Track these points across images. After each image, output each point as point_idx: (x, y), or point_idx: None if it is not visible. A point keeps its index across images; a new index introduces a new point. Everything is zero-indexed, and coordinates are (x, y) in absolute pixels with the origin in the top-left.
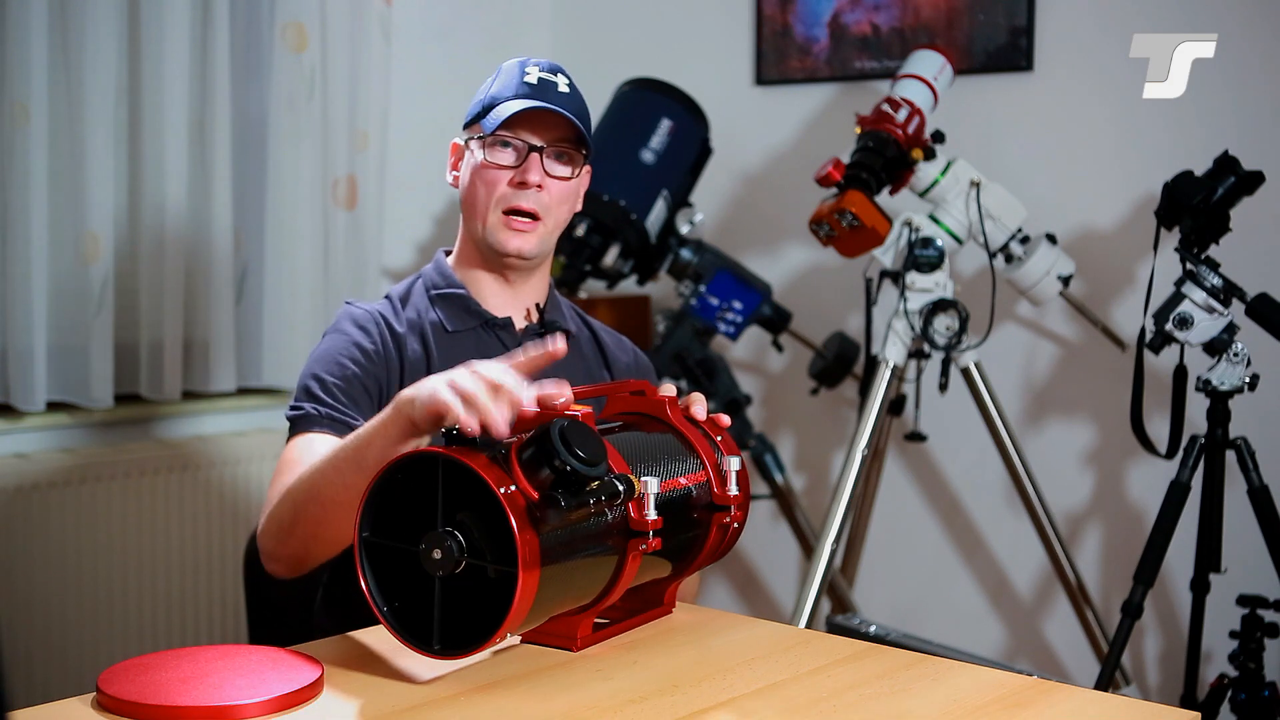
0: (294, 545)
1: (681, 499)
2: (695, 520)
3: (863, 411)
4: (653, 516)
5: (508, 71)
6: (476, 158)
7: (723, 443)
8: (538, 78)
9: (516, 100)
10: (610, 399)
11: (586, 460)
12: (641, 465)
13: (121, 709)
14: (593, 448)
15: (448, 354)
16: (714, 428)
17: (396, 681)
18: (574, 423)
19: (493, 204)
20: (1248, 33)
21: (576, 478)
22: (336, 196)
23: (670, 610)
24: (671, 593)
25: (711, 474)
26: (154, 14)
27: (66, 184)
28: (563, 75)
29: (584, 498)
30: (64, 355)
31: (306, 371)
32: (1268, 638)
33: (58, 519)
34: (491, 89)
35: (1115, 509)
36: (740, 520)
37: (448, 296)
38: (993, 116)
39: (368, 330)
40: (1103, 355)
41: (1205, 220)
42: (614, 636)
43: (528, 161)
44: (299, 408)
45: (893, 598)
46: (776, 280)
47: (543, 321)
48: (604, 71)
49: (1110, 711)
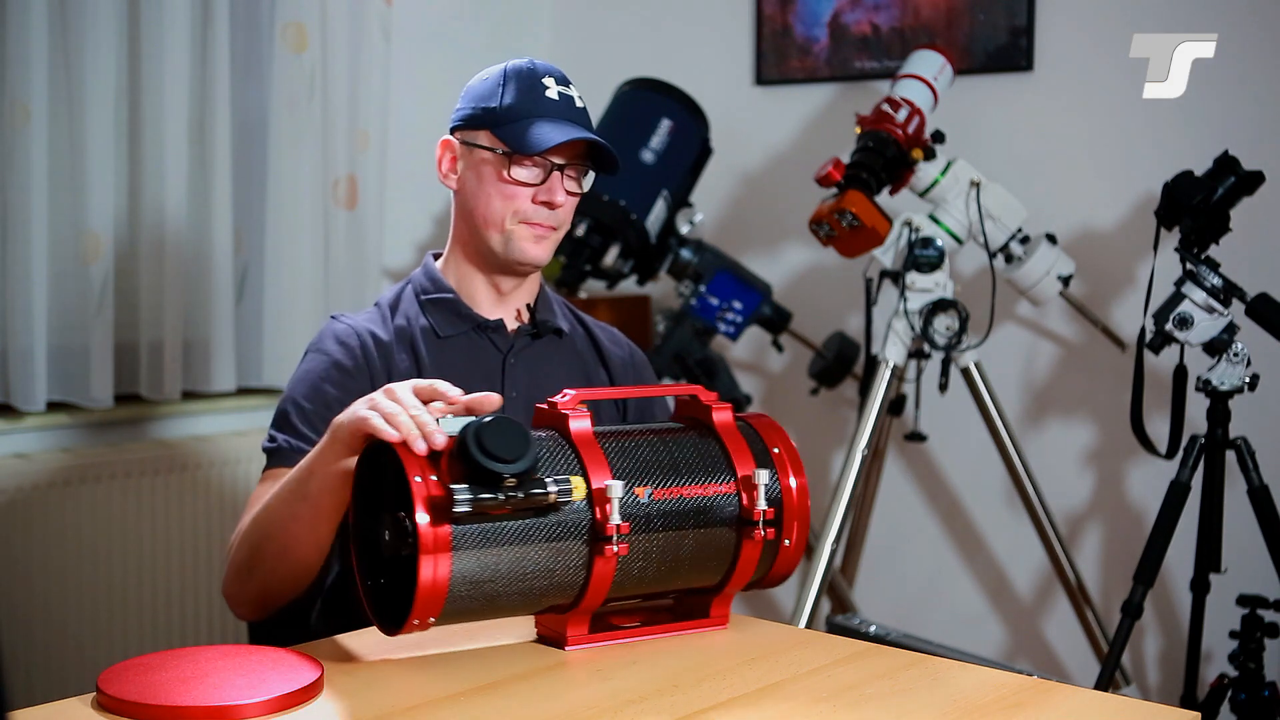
0: (255, 586)
1: (691, 509)
2: (716, 533)
3: (863, 411)
4: (616, 520)
5: (523, 82)
6: (495, 171)
7: (780, 455)
8: (558, 93)
9: (552, 124)
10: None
11: (498, 457)
12: (640, 473)
13: (121, 709)
14: (512, 446)
15: (440, 359)
16: (774, 437)
17: (396, 681)
18: (496, 421)
19: (509, 215)
20: (1248, 33)
21: (487, 474)
22: (336, 196)
23: (721, 624)
24: (720, 606)
25: (741, 486)
26: (154, 14)
27: (66, 184)
28: (572, 86)
29: (499, 493)
30: (64, 355)
31: (286, 396)
32: (1268, 638)
33: (58, 519)
34: (505, 98)
35: (1115, 509)
36: (776, 536)
37: (438, 301)
38: (993, 116)
39: (348, 346)
40: (1103, 355)
41: (1205, 220)
42: (615, 639)
43: (551, 180)
44: (273, 439)
45: (893, 598)
46: (776, 280)
47: (534, 322)
48: (604, 71)
49: (1110, 711)
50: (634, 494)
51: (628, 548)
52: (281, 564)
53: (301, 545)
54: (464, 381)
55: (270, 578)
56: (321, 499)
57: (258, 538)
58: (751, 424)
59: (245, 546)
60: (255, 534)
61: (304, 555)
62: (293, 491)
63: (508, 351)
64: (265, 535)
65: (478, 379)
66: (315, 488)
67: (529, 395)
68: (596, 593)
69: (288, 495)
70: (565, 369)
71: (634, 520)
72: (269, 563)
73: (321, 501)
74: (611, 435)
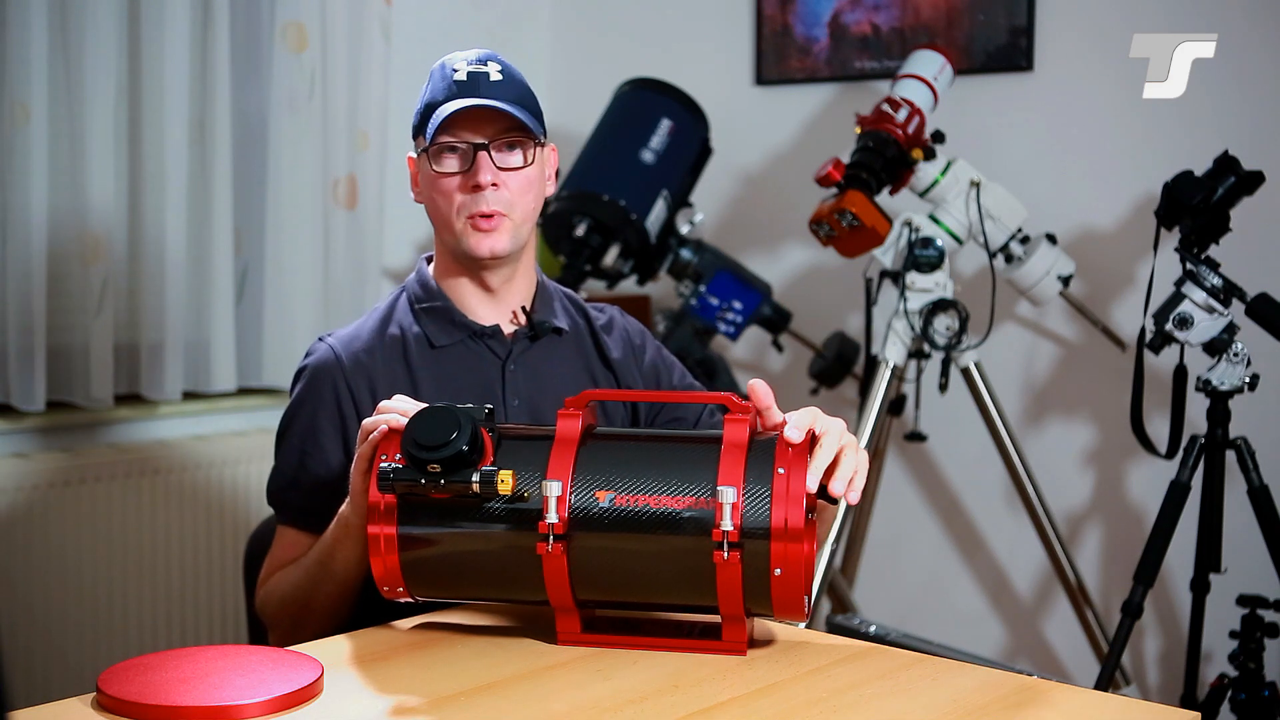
0: (307, 635)
1: (655, 519)
2: (684, 547)
3: (863, 411)
4: (551, 519)
5: (436, 74)
6: (428, 171)
7: (782, 477)
8: (466, 72)
9: (447, 103)
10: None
11: (422, 444)
12: (614, 477)
13: (121, 709)
14: (436, 434)
15: (436, 370)
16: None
17: (396, 681)
18: (431, 410)
19: (455, 213)
20: (1248, 33)
21: (413, 459)
22: (336, 196)
23: (737, 652)
24: (733, 631)
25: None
26: (154, 14)
27: (66, 184)
28: (495, 62)
29: (420, 476)
30: (64, 355)
31: (277, 450)
32: (1268, 638)
33: (58, 519)
34: (425, 95)
35: (1115, 509)
36: (741, 559)
37: (431, 310)
38: (993, 116)
39: (320, 390)
40: (1103, 355)
41: (1205, 220)
42: (608, 641)
43: (476, 162)
44: (276, 500)
45: (893, 598)
46: (776, 280)
47: (531, 324)
48: (604, 71)
49: (1110, 711)
50: (594, 497)
51: (561, 547)
52: (329, 619)
53: (342, 597)
54: (463, 392)
55: (320, 629)
56: (349, 572)
57: (296, 610)
58: (776, 443)
59: (286, 618)
60: (293, 608)
61: (341, 611)
62: (321, 573)
63: (506, 358)
64: (302, 606)
65: (476, 389)
66: (340, 569)
67: (531, 401)
68: (556, 589)
69: (316, 575)
70: (568, 368)
71: (587, 523)
72: (311, 623)
73: (349, 575)
74: (609, 437)
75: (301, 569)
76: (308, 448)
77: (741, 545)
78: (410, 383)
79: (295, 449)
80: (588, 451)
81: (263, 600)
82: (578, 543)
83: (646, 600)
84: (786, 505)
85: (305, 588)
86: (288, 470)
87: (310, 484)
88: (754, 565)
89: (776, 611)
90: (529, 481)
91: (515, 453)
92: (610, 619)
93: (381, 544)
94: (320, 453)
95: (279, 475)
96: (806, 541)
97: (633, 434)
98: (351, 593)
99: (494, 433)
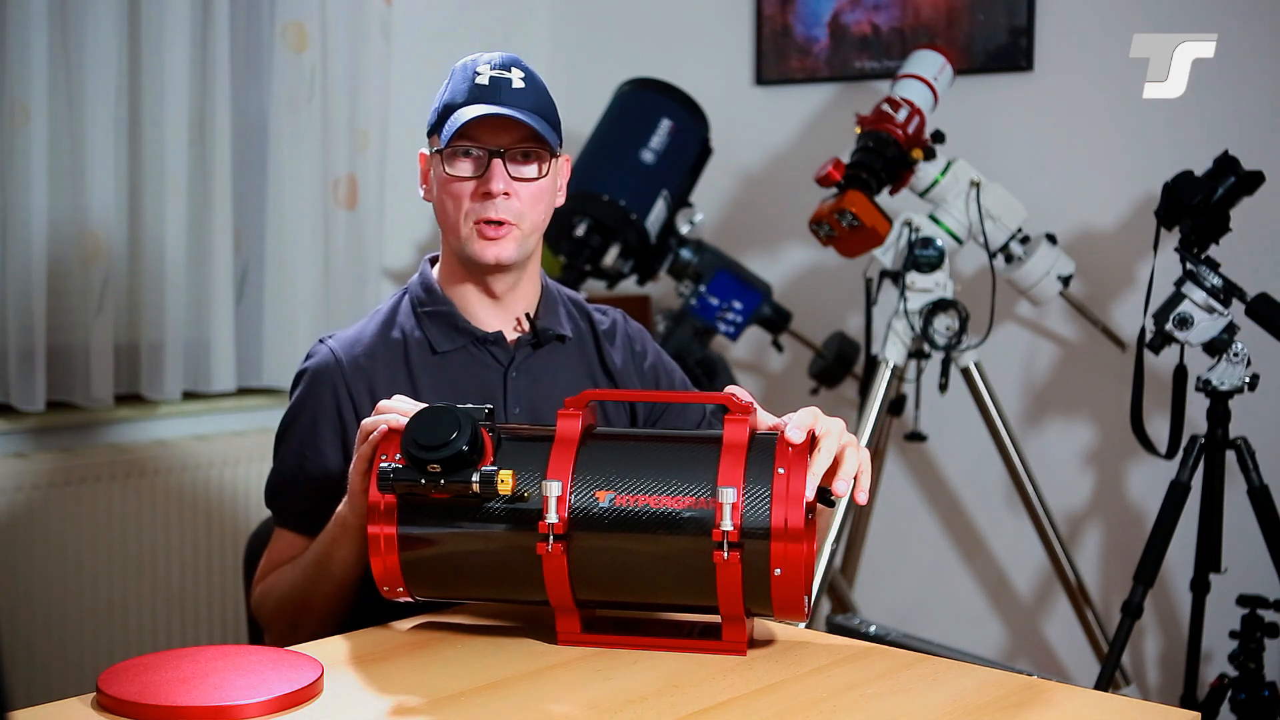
0: (304, 635)
1: (655, 519)
2: (684, 547)
3: (863, 411)
4: (551, 519)
5: (459, 74)
6: (441, 172)
7: (783, 477)
8: (489, 77)
9: (469, 106)
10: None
11: (421, 445)
12: (614, 478)
13: (121, 709)
14: (435, 435)
15: (438, 376)
16: (786, 456)
17: (396, 681)
18: (431, 410)
19: (463, 217)
20: (1248, 33)
21: (413, 459)
22: (336, 196)
23: (737, 652)
24: (735, 633)
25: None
26: (154, 14)
27: (66, 184)
28: (518, 69)
29: (420, 476)
30: (64, 355)
31: (276, 451)
32: (1268, 638)
33: (57, 519)
34: (445, 95)
35: (1115, 509)
36: (741, 560)
37: (434, 314)
38: (993, 116)
39: (319, 394)
40: (1103, 355)
41: (1205, 220)
42: (608, 642)
43: (490, 169)
44: (274, 501)
45: (893, 598)
46: (776, 280)
47: (534, 331)
48: (604, 71)
49: (1110, 711)
50: (594, 497)
51: (561, 547)
52: (326, 619)
53: (340, 597)
54: (464, 398)
55: (317, 629)
56: (346, 573)
57: (293, 611)
58: (776, 443)
59: (283, 619)
60: (291, 608)
61: (344, 600)
62: (319, 574)
63: (509, 365)
64: (301, 605)
65: (478, 395)
66: (338, 570)
67: (533, 408)
68: (556, 589)
69: (315, 576)
70: (570, 375)
71: (587, 523)
72: (309, 624)
73: (346, 576)
74: (609, 437)
75: (298, 569)
76: (306, 451)
77: (741, 545)
78: (411, 387)
79: (294, 451)
80: (588, 452)
81: (258, 600)
82: (578, 543)
83: (646, 600)
84: (786, 505)
85: (302, 588)
86: (286, 473)
87: (308, 487)
88: (754, 565)
89: (776, 612)
90: (529, 481)
91: (515, 453)
92: (610, 619)
93: (381, 544)
94: (319, 456)
95: (277, 477)
96: (806, 541)
97: (633, 434)
98: (349, 593)
99: (494, 433)
